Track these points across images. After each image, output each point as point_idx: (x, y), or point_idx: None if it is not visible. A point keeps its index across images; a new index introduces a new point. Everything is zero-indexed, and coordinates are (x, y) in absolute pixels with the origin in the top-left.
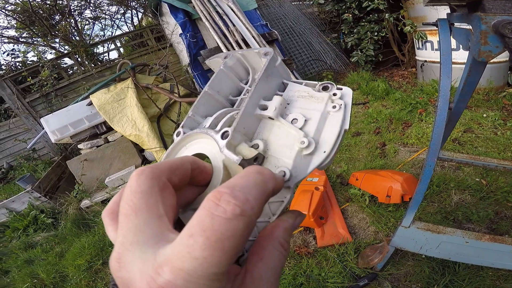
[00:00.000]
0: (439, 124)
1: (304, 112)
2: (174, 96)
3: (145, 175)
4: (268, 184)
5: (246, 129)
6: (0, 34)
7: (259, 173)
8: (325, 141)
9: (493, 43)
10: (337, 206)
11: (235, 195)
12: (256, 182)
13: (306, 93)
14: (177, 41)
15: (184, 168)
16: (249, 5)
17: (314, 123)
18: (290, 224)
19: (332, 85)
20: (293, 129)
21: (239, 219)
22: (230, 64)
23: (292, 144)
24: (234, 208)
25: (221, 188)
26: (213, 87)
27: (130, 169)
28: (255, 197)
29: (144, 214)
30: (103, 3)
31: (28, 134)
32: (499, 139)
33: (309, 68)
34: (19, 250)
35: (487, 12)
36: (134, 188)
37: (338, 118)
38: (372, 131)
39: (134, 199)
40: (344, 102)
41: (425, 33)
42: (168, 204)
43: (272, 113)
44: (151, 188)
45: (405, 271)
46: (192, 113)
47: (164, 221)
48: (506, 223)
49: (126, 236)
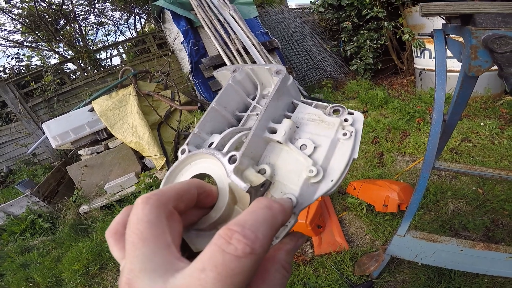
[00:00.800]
0: (433, 136)
1: (314, 138)
2: (175, 104)
3: (151, 203)
4: (277, 219)
5: (253, 152)
6: (6, 38)
7: (268, 208)
8: (333, 169)
9: (483, 58)
10: (335, 214)
11: (245, 234)
12: (265, 219)
13: (317, 116)
14: (179, 48)
15: (191, 193)
16: (250, 13)
17: (324, 150)
18: (292, 247)
19: (344, 108)
20: (302, 156)
21: (249, 257)
22: (239, 78)
23: (300, 171)
24: (245, 247)
25: (232, 226)
26: (220, 103)
27: (130, 176)
28: (264, 235)
29: (151, 243)
30: (107, 8)
31: (29, 138)
32: (496, 148)
33: (309, 76)
34: (15, 253)
35: (477, 26)
36: (141, 217)
37: (348, 147)
38: (370, 141)
39: (141, 228)
40: (355, 129)
41: (423, 41)
42: (175, 232)
43: (281, 138)
44: (158, 217)
45: (401, 278)
46: (198, 130)
47: (172, 250)
48: (502, 231)
49: (134, 264)
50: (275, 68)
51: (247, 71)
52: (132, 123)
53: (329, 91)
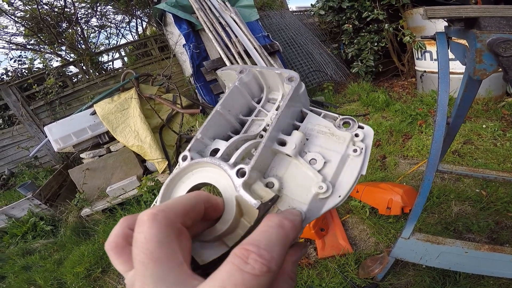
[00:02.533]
0: (437, 139)
1: (324, 152)
2: (177, 107)
3: (159, 221)
4: (289, 237)
5: (261, 165)
6: (9, 40)
7: (281, 227)
8: (341, 186)
9: (487, 61)
10: (338, 217)
11: (262, 254)
12: (278, 239)
13: (327, 129)
14: (181, 52)
15: (198, 208)
16: (251, 16)
17: (333, 166)
18: (297, 257)
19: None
20: (311, 171)
21: (266, 275)
22: (245, 80)
23: (309, 187)
24: (262, 267)
25: (248, 246)
26: (225, 106)
27: (132, 179)
28: (278, 254)
29: (163, 264)
30: (109, 11)
31: (31, 141)
32: (498, 150)
33: (310, 79)
34: (17, 256)
35: (482, 30)
36: (149, 236)
37: (357, 163)
38: (372, 144)
39: (150, 248)
40: (365, 145)
41: (424, 43)
42: (185, 249)
43: (291, 151)
44: (168, 237)
45: (406, 281)
46: (201, 135)
47: (184, 268)
48: (507, 232)
49: (147, 284)
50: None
51: (255, 73)
52: (134, 126)
53: (330, 94)
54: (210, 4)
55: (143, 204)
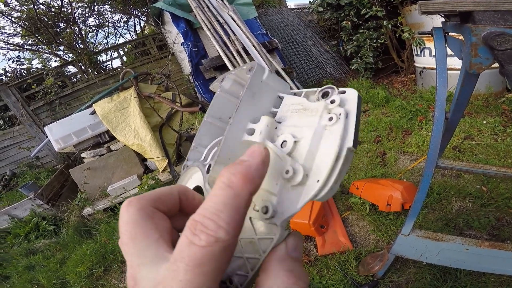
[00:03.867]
0: (436, 134)
1: (295, 131)
2: (176, 105)
3: (133, 205)
4: (241, 195)
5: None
6: (6, 41)
7: (228, 187)
8: (319, 167)
9: (483, 55)
10: (338, 214)
11: (207, 225)
12: (226, 202)
13: (300, 105)
14: (179, 50)
15: (172, 197)
16: (250, 14)
17: (306, 144)
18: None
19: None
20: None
21: (214, 245)
22: (226, 87)
23: (278, 174)
24: (208, 237)
25: (195, 217)
26: (213, 115)
27: (133, 178)
28: (227, 221)
29: (141, 241)
30: (106, 11)
31: (32, 142)
32: (499, 146)
33: (309, 76)
34: (20, 256)
35: (477, 24)
36: (126, 219)
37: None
38: (372, 140)
39: (129, 229)
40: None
41: (423, 40)
42: (161, 227)
43: (258, 137)
44: (141, 217)
45: (406, 278)
46: (195, 144)
47: (161, 243)
48: (508, 229)
49: (132, 260)
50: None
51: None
52: (133, 125)
53: None
54: (208, 2)
55: None
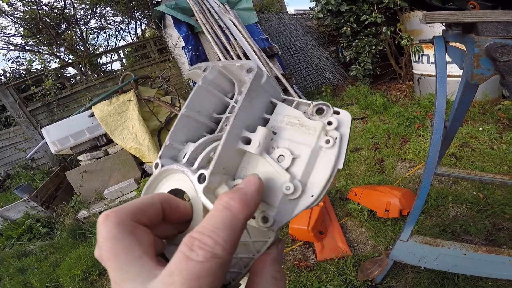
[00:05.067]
0: (435, 142)
1: (292, 147)
2: (175, 109)
3: (111, 220)
4: (238, 218)
5: (226, 168)
6: (8, 41)
7: (227, 210)
8: (313, 184)
9: (485, 66)
10: (336, 220)
11: (205, 241)
12: (225, 222)
13: (297, 120)
14: (179, 54)
15: (154, 208)
16: (250, 19)
17: (303, 162)
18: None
19: (328, 107)
20: (279, 169)
21: (211, 261)
22: (210, 78)
23: (278, 187)
24: (205, 253)
25: (193, 234)
26: (191, 108)
27: (129, 182)
28: (225, 239)
29: (123, 257)
30: (108, 13)
31: (28, 143)
32: (495, 153)
33: (308, 82)
34: (12, 258)
35: (480, 35)
36: (105, 235)
37: (331, 157)
38: (370, 147)
39: (109, 245)
40: (340, 134)
41: (421, 47)
42: (144, 242)
43: (255, 149)
44: (121, 233)
45: (405, 283)
46: (170, 141)
47: (144, 260)
48: (504, 234)
49: (116, 276)
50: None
51: (219, 69)
52: (132, 128)
53: (328, 97)
54: (209, 7)
55: None
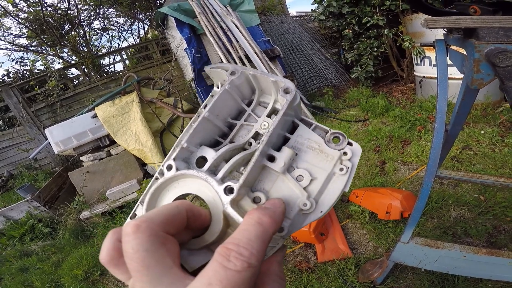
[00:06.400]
0: (435, 145)
1: (311, 169)
2: (178, 111)
3: (142, 232)
4: (269, 232)
5: (250, 180)
6: (12, 42)
7: (259, 224)
8: (324, 202)
9: (485, 71)
10: (338, 222)
11: (241, 252)
12: (257, 235)
13: (317, 145)
14: (182, 55)
15: (181, 217)
16: (252, 21)
17: (319, 184)
18: (281, 257)
19: (344, 137)
20: (298, 188)
21: (247, 271)
22: (237, 83)
23: (294, 203)
24: (242, 263)
25: (229, 245)
26: (213, 111)
27: (132, 183)
28: (258, 250)
29: (155, 269)
30: (111, 14)
31: (31, 144)
32: (496, 156)
33: (310, 84)
34: (14, 258)
35: (480, 40)
36: (136, 247)
37: (342, 182)
38: (372, 149)
39: (140, 257)
40: (351, 164)
41: (423, 49)
42: (173, 254)
43: (279, 168)
44: (153, 245)
45: (405, 284)
46: (187, 143)
47: (175, 270)
48: (505, 236)
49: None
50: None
51: (247, 76)
52: (135, 130)
53: (330, 99)
54: (212, 9)
55: None
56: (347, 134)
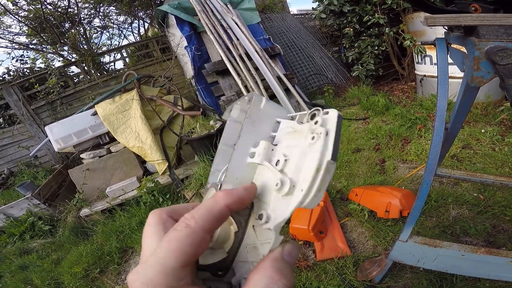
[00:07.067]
0: (435, 144)
1: (287, 151)
2: (178, 109)
3: (153, 213)
4: (219, 204)
5: (239, 179)
6: (12, 40)
7: (212, 198)
8: (302, 179)
9: (485, 69)
10: (337, 220)
11: (185, 217)
12: (206, 206)
13: (292, 128)
14: (182, 53)
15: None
16: (253, 19)
17: (294, 161)
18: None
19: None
20: (273, 171)
21: (184, 230)
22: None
23: (271, 187)
24: (181, 224)
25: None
26: (225, 143)
27: (132, 180)
28: (200, 215)
29: (152, 237)
30: (111, 12)
31: (31, 141)
32: (497, 155)
33: (311, 82)
34: (13, 255)
35: (480, 38)
36: (148, 221)
37: (316, 150)
38: (372, 148)
39: (147, 229)
40: (325, 129)
41: (424, 48)
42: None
43: (257, 159)
44: (156, 221)
45: (403, 283)
46: (213, 169)
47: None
48: (504, 236)
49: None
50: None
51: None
52: (135, 127)
53: (330, 97)
54: (212, 7)
55: (143, 205)
56: (347, 132)
